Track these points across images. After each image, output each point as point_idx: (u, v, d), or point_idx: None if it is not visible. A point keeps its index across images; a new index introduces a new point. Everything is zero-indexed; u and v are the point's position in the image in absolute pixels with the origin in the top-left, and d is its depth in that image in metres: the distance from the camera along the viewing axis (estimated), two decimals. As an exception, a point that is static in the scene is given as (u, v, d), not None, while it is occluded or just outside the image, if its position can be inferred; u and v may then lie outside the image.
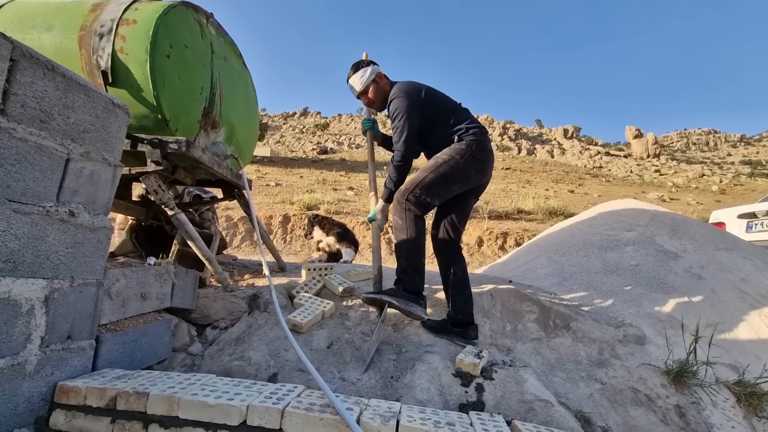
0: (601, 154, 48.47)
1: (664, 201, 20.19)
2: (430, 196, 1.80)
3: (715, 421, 1.60)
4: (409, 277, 1.78)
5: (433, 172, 1.80)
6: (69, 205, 1.22)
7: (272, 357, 1.75)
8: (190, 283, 2.01)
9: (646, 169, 40.82)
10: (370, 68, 2.01)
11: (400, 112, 1.84)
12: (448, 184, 1.82)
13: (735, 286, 2.27)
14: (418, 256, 1.78)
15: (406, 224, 1.78)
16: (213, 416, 1.08)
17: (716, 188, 26.93)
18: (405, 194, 1.80)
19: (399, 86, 1.92)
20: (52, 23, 1.93)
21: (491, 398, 1.51)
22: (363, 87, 2.01)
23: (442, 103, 1.93)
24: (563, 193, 19.91)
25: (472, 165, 1.81)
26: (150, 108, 1.90)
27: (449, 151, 1.82)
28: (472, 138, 1.81)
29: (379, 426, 1.04)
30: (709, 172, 39.10)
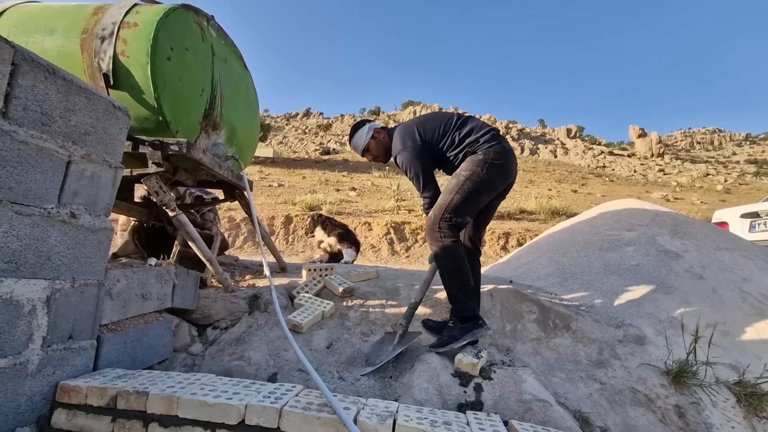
0: (605, 154, 48.25)
1: (668, 201, 20.08)
2: (461, 216, 1.78)
3: (714, 422, 1.59)
4: (464, 304, 1.76)
5: (458, 193, 1.76)
6: (70, 206, 1.23)
7: (272, 357, 1.76)
8: (191, 284, 2.03)
9: (650, 168, 40.60)
10: (367, 126, 2.08)
11: (408, 164, 1.86)
12: (475, 198, 1.80)
13: (736, 286, 2.26)
14: (465, 279, 1.76)
15: (445, 252, 1.76)
16: (212, 415, 1.09)
17: (721, 187, 26.75)
18: (436, 222, 1.78)
19: (396, 138, 1.93)
20: (54, 27, 1.95)
21: (489, 398, 1.51)
22: (364, 146, 2.07)
23: (437, 131, 1.89)
24: (566, 192, 19.85)
25: (494, 172, 1.77)
26: (151, 110, 1.92)
27: (468, 165, 1.79)
28: (487, 146, 1.78)
29: (375, 425, 1.04)
30: (713, 172, 38.85)
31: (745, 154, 58.92)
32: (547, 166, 31.96)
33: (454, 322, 1.78)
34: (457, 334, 1.74)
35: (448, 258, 1.76)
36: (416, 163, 1.85)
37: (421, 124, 1.93)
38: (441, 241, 1.76)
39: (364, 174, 18.39)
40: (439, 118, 1.95)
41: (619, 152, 51.65)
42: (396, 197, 10.47)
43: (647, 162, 45.10)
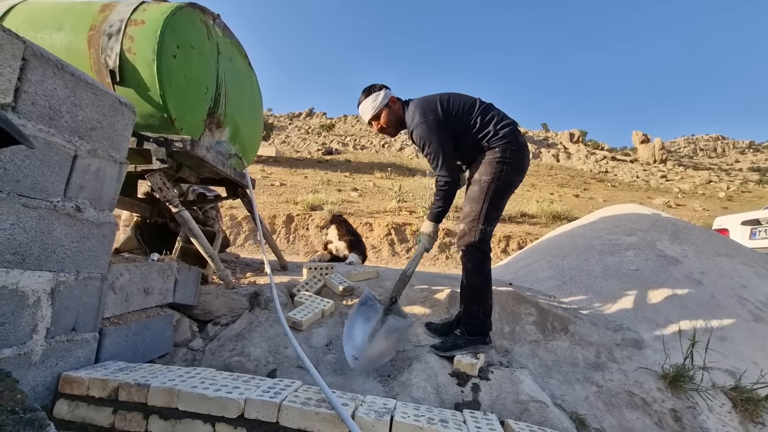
0: (607, 159, 48.19)
1: (670, 207, 20.03)
2: (491, 225, 1.75)
3: (710, 426, 1.60)
4: (482, 323, 1.74)
5: (486, 201, 1.72)
6: (75, 200, 1.25)
7: (272, 353, 1.78)
8: (192, 280, 2.04)
9: (652, 174, 40.52)
10: (383, 92, 1.91)
11: (427, 139, 1.75)
12: (501, 202, 1.78)
13: (735, 293, 2.26)
14: (489, 298, 1.74)
15: (477, 268, 1.72)
16: (211, 409, 1.10)
17: (723, 195, 26.67)
18: (473, 236, 1.71)
19: (415, 110, 1.80)
20: (62, 23, 1.98)
21: (487, 398, 1.52)
22: (375, 112, 1.90)
23: (461, 109, 1.81)
24: (568, 197, 19.83)
25: (512, 171, 1.75)
26: (156, 107, 1.94)
27: (487, 167, 1.74)
28: (505, 142, 1.73)
29: (373, 421, 1.06)
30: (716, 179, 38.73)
31: (748, 161, 58.75)
32: (550, 170, 31.92)
33: (462, 333, 1.76)
34: (462, 344, 1.73)
35: (478, 275, 1.73)
36: (435, 138, 1.73)
37: (445, 100, 1.82)
38: (476, 257, 1.72)
39: (366, 175, 18.41)
40: (463, 99, 1.85)
41: (621, 158, 51.59)
42: (397, 198, 10.49)
43: (650, 168, 45.02)
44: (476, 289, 1.73)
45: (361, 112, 1.97)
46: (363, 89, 1.97)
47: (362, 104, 1.95)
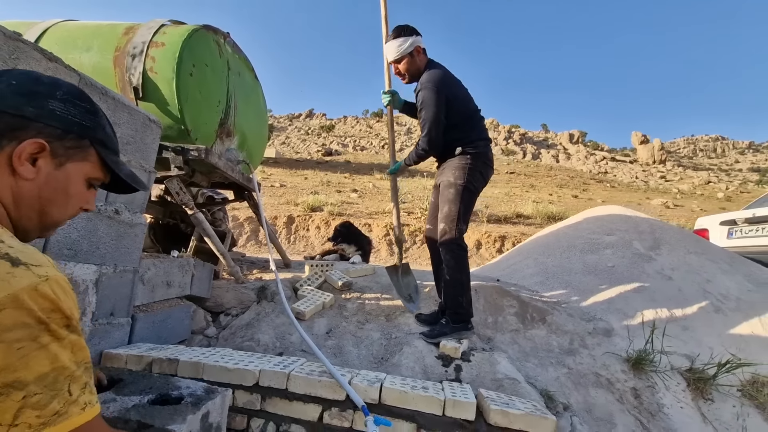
0: (607, 160, 48.35)
1: (668, 207, 20.16)
2: (466, 224, 1.99)
3: (666, 402, 1.81)
4: (465, 311, 1.95)
5: (462, 203, 1.94)
6: (114, 204, 1.47)
7: (278, 339, 1.99)
8: (206, 275, 2.26)
9: (651, 175, 40.68)
10: (411, 39, 1.95)
11: (428, 105, 1.88)
12: (471, 203, 2.03)
13: (700, 287, 2.47)
14: (469, 289, 1.97)
15: (458, 264, 1.92)
16: (232, 378, 1.32)
17: (722, 195, 26.80)
18: (453, 233, 1.92)
19: (433, 75, 1.91)
20: (90, 45, 2.20)
21: (467, 376, 1.74)
22: (398, 56, 1.96)
23: (462, 107, 1.97)
24: (567, 198, 19.96)
25: (480, 179, 2.02)
26: (174, 120, 2.16)
27: (461, 172, 1.95)
28: (477, 152, 1.96)
29: (366, 387, 1.28)
30: (715, 179, 38.87)
31: (748, 162, 58.77)
32: (549, 170, 32.08)
33: (447, 321, 1.98)
34: (447, 331, 1.96)
35: (459, 270, 1.94)
36: (435, 109, 1.87)
37: (457, 88, 1.98)
38: (456, 253, 1.93)
39: (365, 176, 18.62)
40: (468, 99, 2.03)
41: (621, 158, 51.67)
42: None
43: (649, 169, 45.14)
44: (458, 282, 1.95)
45: (386, 51, 2.03)
46: (396, 27, 2.02)
47: (389, 43, 1.99)
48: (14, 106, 0.54)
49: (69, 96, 0.60)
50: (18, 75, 0.57)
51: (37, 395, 0.46)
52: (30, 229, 0.59)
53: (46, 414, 0.47)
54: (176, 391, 1.11)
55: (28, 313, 0.46)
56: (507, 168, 27.92)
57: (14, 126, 0.53)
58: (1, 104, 0.53)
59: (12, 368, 0.44)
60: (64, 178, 0.59)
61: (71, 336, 0.51)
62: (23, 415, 0.45)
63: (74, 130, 0.59)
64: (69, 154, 0.59)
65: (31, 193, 0.56)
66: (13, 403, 0.44)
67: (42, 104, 0.56)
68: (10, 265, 0.45)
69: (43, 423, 0.46)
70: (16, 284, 0.45)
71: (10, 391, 0.44)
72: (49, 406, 0.47)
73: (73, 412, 0.49)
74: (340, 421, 1.27)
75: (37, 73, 0.60)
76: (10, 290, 0.44)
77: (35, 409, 0.46)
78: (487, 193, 15.66)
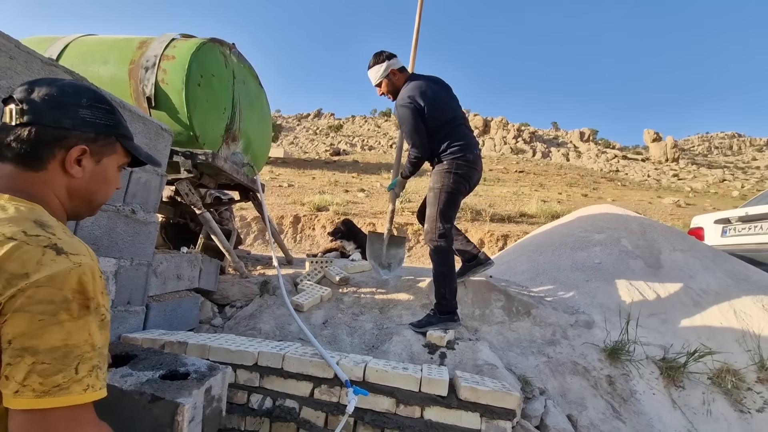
0: (618, 158, 47.62)
1: (680, 206, 19.84)
2: (449, 222, 2.12)
3: (639, 389, 1.93)
4: (449, 303, 2.08)
5: (439, 204, 2.11)
6: (131, 205, 1.66)
7: (278, 329, 2.17)
8: (213, 270, 2.45)
9: (664, 173, 39.94)
10: (386, 64, 2.22)
11: (404, 122, 2.13)
12: (454, 203, 2.16)
13: (683, 282, 2.57)
14: (453, 281, 2.09)
15: (441, 258, 2.09)
16: (234, 359, 1.49)
17: (737, 193, 26.24)
18: (434, 233, 2.09)
19: (404, 92, 2.16)
20: (108, 58, 2.40)
21: (451, 363, 1.88)
22: (378, 80, 2.27)
23: (434, 117, 2.12)
24: (576, 197, 19.77)
25: (459, 180, 2.13)
26: (184, 127, 2.35)
27: (438, 177, 2.13)
28: (451, 158, 2.12)
29: (352, 367, 1.43)
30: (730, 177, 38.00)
31: (766, 159, 57.21)
32: (559, 169, 31.78)
33: (434, 312, 2.12)
34: (434, 321, 2.09)
35: (442, 264, 2.09)
36: (411, 122, 2.09)
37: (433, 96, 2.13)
38: (439, 249, 2.09)
39: (373, 175, 18.77)
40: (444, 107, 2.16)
41: (633, 156, 50.83)
42: (401, 199, 10.84)
43: (661, 167, 44.35)
44: (442, 275, 2.10)
45: (369, 76, 2.32)
46: (374, 54, 2.28)
47: (370, 71, 2.29)
48: (54, 120, 0.66)
49: (92, 101, 0.72)
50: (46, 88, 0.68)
51: (44, 364, 0.52)
52: (81, 213, 0.75)
53: (48, 384, 0.52)
54: (183, 367, 1.28)
55: (56, 293, 0.54)
56: (516, 167, 27.78)
57: (58, 137, 0.67)
58: (43, 120, 0.66)
59: (30, 335, 0.52)
60: (103, 171, 0.74)
61: (89, 317, 0.57)
62: (30, 378, 0.51)
63: (103, 131, 0.72)
64: (103, 151, 0.73)
65: (81, 188, 0.71)
66: (25, 365, 0.51)
67: (74, 114, 0.68)
68: (55, 254, 0.56)
69: (44, 391, 0.51)
70: (55, 267, 0.55)
71: (24, 354, 0.52)
72: (52, 377, 0.52)
73: (74, 390, 0.54)
74: (329, 396, 1.44)
75: (59, 81, 0.71)
76: (49, 272, 0.54)
77: (40, 376, 0.52)
78: (494, 192, 15.68)
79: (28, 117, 0.65)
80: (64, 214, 0.71)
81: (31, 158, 0.66)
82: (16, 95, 0.66)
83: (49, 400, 0.52)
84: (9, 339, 0.52)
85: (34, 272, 0.54)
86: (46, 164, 0.67)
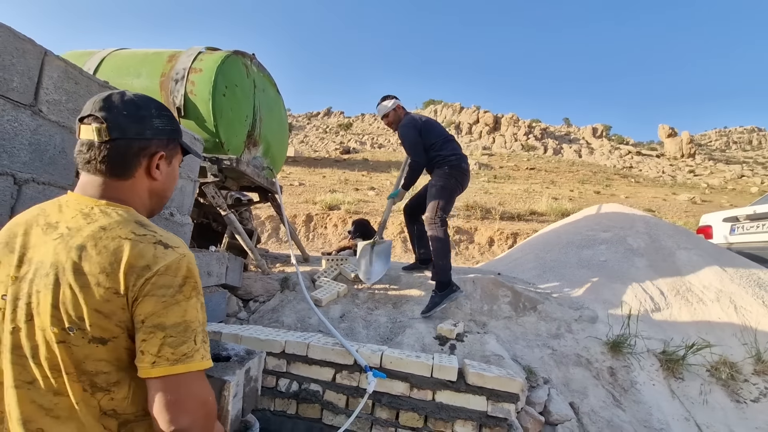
0: (632, 154, 46.71)
1: (695, 203, 19.45)
2: (446, 211, 2.61)
3: (639, 380, 2.04)
4: (447, 272, 2.46)
5: (440, 195, 2.58)
6: (169, 209, 1.84)
7: (299, 322, 2.33)
8: (237, 267, 2.63)
9: (679, 169, 39.05)
10: (392, 101, 2.88)
11: (406, 137, 2.73)
12: (451, 198, 2.68)
13: (687, 280, 2.65)
14: (449, 254, 2.52)
15: (438, 236, 2.51)
16: (263, 347, 1.66)
17: (756, 189, 25.56)
18: (434, 218, 2.54)
19: (405, 120, 2.79)
20: (140, 71, 2.60)
21: (460, 353, 2.02)
22: (386, 112, 2.87)
23: (431, 133, 2.75)
24: (588, 194, 19.53)
25: (456, 183, 2.67)
26: (210, 134, 2.53)
27: (440, 178, 2.62)
28: (447, 165, 2.65)
29: (369, 354, 1.59)
30: (749, 173, 36.96)
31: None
32: (571, 166, 31.37)
33: (435, 293, 2.43)
34: (438, 300, 2.39)
35: (440, 241, 2.50)
36: (412, 137, 2.69)
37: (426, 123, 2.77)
38: (437, 230, 2.53)
39: (383, 173, 18.90)
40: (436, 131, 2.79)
41: (647, 152, 49.82)
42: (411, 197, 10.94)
43: (677, 163, 43.38)
44: (440, 251, 2.47)
45: (378, 110, 2.93)
46: (384, 96, 2.94)
47: (381, 104, 2.91)
48: (137, 133, 0.73)
49: (159, 110, 0.79)
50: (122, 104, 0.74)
51: (172, 337, 0.63)
52: (155, 211, 0.85)
53: (178, 353, 0.63)
54: (225, 351, 1.45)
55: (173, 279, 0.65)
56: (527, 164, 27.55)
57: (142, 147, 0.75)
58: (129, 134, 0.72)
59: (158, 315, 0.63)
60: (173, 171, 0.84)
61: (199, 298, 0.68)
62: (163, 350, 0.62)
63: (173, 136, 0.81)
64: (172, 154, 0.82)
65: (159, 188, 0.80)
66: (157, 340, 0.62)
67: (151, 125, 0.75)
68: (163, 248, 0.67)
69: (175, 360, 0.62)
70: (168, 259, 0.65)
71: (156, 330, 0.62)
72: (180, 348, 0.63)
73: (196, 357, 0.64)
74: (349, 381, 1.59)
75: (127, 95, 0.75)
76: (164, 263, 0.65)
77: (170, 347, 0.62)
78: (505, 190, 15.66)
79: (115, 133, 0.71)
80: (145, 213, 0.81)
81: (122, 169, 0.73)
82: (97, 113, 0.70)
83: (180, 366, 0.63)
84: (142, 319, 0.63)
85: (154, 264, 0.64)
86: (133, 172, 0.74)
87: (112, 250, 0.64)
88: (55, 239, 0.66)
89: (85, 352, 0.62)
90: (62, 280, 0.62)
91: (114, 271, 0.63)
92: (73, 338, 0.62)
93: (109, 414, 0.65)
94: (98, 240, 0.65)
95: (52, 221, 0.69)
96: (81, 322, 0.62)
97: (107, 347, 0.63)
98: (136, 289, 0.63)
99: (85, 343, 0.62)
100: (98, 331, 0.62)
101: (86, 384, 0.63)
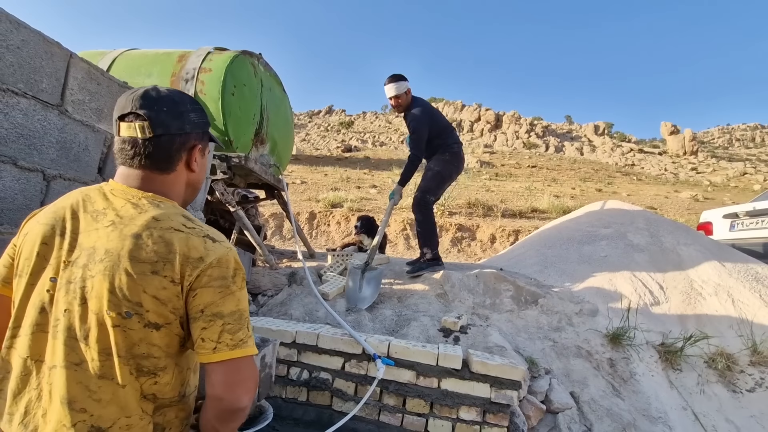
0: (634, 152, 46.57)
1: (698, 201, 19.42)
2: (435, 195, 2.82)
3: (638, 371, 2.10)
4: (432, 253, 2.75)
5: (434, 180, 2.79)
6: (183, 204, 1.90)
7: (307, 314, 2.40)
8: (247, 262, 2.70)
9: (681, 167, 38.94)
10: (405, 83, 2.80)
11: (416, 126, 2.74)
12: (443, 184, 2.89)
13: (686, 274, 2.70)
14: (436, 236, 2.80)
15: (425, 218, 2.74)
16: (275, 336, 1.73)
17: (759, 187, 25.50)
18: (423, 199, 2.71)
19: (418, 103, 2.81)
20: (151, 71, 2.66)
21: (464, 345, 2.08)
22: (396, 93, 2.77)
23: (438, 123, 2.86)
24: (590, 192, 19.52)
25: (453, 169, 2.87)
26: (220, 132, 2.59)
27: (438, 162, 2.79)
28: (449, 152, 2.81)
29: (377, 344, 1.65)
30: (752, 170, 36.83)
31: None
32: (573, 164, 31.33)
33: (424, 261, 2.80)
34: (424, 267, 2.77)
35: (427, 223, 2.77)
36: (422, 128, 2.73)
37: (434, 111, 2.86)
38: (423, 212, 2.74)
39: (385, 171, 18.94)
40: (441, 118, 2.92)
41: (649, 150, 49.65)
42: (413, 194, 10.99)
43: (679, 160, 43.23)
44: (426, 231, 2.75)
45: (388, 89, 2.80)
46: (395, 74, 2.82)
47: (396, 83, 2.78)
48: (179, 128, 0.75)
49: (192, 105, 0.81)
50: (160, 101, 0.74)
51: (230, 324, 0.67)
52: (188, 201, 0.86)
53: (236, 339, 0.67)
54: (238, 340, 1.52)
55: (226, 271, 0.69)
56: (529, 162, 27.55)
57: (184, 141, 0.78)
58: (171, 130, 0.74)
59: (216, 304, 0.67)
60: (205, 161, 0.87)
61: (245, 288, 0.72)
62: (223, 336, 0.66)
63: (206, 129, 0.84)
64: (205, 145, 0.86)
65: (195, 179, 0.83)
66: (217, 327, 0.66)
67: (189, 119, 0.77)
68: (211, 242, 0.70)
69: (234, 345, 0.67)
70: (218, 252, 0.69)
71: (215, 318, 0.67)
72: (237, 334, 0.68)
73: (249, 343, 0.69)
74: (358, 369, 1.66)
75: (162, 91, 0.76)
76: (216, 256, 0.68)
77: (229, 334, 0.67)
78: (506, 188, 15.68)
79: (159, 130, 0.73)
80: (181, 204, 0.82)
81: (166, 163, 0.76)
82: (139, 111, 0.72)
83: (239, 351, 0.68)
84: (201, 308, 0.67)
85: (206, 256, 0.68)
86: (175, 166, 0.77)
87: (167, 241, 0.67)
88: (107, 226, 0.69)
89: (140, 336, 0.66)
90: (119, 266, 0.65)
91: (170, 261, 0.66)
92: (129, 323, 0.65)
93: (149, 398, 0.68)
94: (152, 230, 0.68)
95: (98, 208, 0.72)
96: (139, 307, 0.65)
97: (160, 332, 0.67)
98: (192, 279, 0.67)
99: (141, 327, 0.65)
100: (154, 316, 0.66)
101: (133, 368, 0.66)
